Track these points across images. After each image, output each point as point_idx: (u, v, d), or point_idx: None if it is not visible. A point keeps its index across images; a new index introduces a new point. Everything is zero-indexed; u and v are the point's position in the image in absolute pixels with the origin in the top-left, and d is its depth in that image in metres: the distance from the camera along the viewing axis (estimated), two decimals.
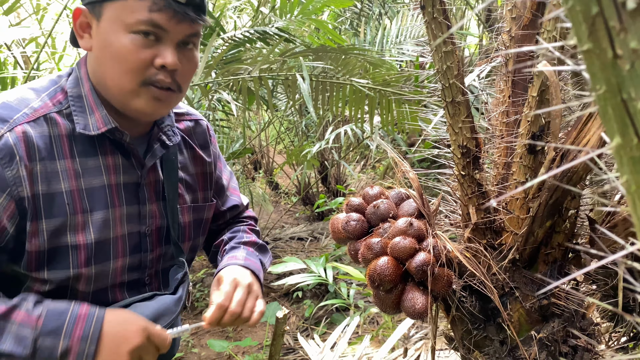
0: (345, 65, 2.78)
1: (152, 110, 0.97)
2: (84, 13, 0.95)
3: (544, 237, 0.84)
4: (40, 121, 0.93)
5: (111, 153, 1.00)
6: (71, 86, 0.99)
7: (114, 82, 0.94)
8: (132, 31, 0.90)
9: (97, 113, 0.96)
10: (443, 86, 0.81)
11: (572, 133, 0.76)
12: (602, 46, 0.25)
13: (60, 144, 0.95)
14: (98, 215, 0.98)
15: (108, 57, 0.93)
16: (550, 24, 0.75)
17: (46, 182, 0.92)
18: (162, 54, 0.92)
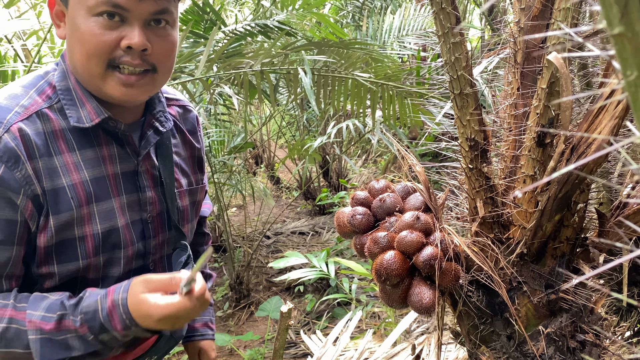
0: (347, 59, 2.76)
1: (125, 95, 0.94)
2: (57, 1, 0.94)
3: (552, 231, 0.83)
4: (33, 118, 0.92)
5: (106, 143, 0.99)
6: (59, 79, 0.98)
7: (83, 66, 0.93)
8: (94, 14, 0.89)
9: (88, 105, 0.95)
10: (451, 78, 0.80)
11: (582, 125, 0.75)
12: (635, 29, 0.24)
13: (55, 139, 0.94)
14: (102, 206, 0.98)
15: (74, 42, 0.92)
16: (561, 14, 0.73)
17: (49, 179, 0.92)
18: (127, 35, 0.90)
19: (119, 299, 0.90)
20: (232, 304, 3.63)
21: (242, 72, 2.60)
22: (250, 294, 3.70)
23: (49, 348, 0.88)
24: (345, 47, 2.77)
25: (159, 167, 1.08)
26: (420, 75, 3.04)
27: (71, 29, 0.92)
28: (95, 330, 0.89)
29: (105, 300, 0.90)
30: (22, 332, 0.88)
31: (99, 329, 0.89)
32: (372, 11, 4.27)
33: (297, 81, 2.72)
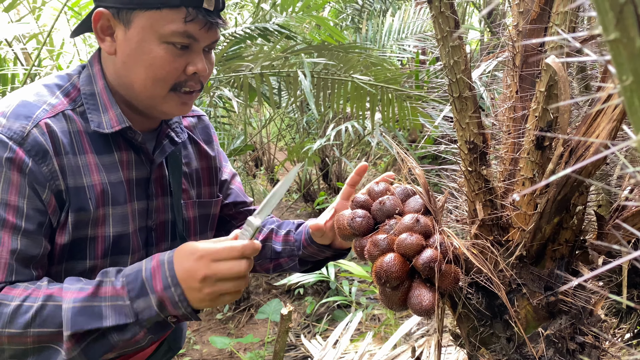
0: (346, 62, 2.77)
1: (180, 112, 1.00)
2: (105, 16, 0.94)
3: (551, 234, 0.84)
4: (60, 117, 0.94)
5: (125, 149, 1.01)
6: (84, 83, 0.99)
7: (145, 88, 0.95)
8: (165, 41, 0.91)
9: (110, 111, 0.97)
10: (450, 81, 0.80)
11: (581, 128, 0.75)
12: (631, 35, 0.24)
13: (80, 139, 0.96)
14: (117, 210, 0.99)
15: (139, 65, 0.93)
16: (560, 18, 0.74)
17: (72, 176, 0.93)
18: (193, 61, 0.95)
19: (165, 257, 0.89)
20: (232, 307, 3.63)
21: (242, 75, 2.61)
22: (250, 297, 3.70)
23: (80, 316, 0.85)
24: (344, 50, 2.78)
25: (169, 176, 1.09)
26: (419, 78, 3.04)
27: (132, 50, 0.93)
28: (134, 293, 0.86)
29: (150, 262, 0.89)
30: (58, 308, 0.85)
31: (138, 290, 0.86)
32: (372, 14, 4.29)
33: (296, 84, 2.73)
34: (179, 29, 0.91)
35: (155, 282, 0.86)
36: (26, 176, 0.88)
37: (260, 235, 1.24)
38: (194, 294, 0.86)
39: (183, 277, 0.86)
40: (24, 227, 0.88)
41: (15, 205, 0.87)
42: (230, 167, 1.29)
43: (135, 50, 0.93)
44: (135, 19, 0.91)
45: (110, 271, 0.90)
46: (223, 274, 0.85)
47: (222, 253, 0.86)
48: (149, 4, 0.90)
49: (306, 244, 1.17)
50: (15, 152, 0.87)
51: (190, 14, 0.90)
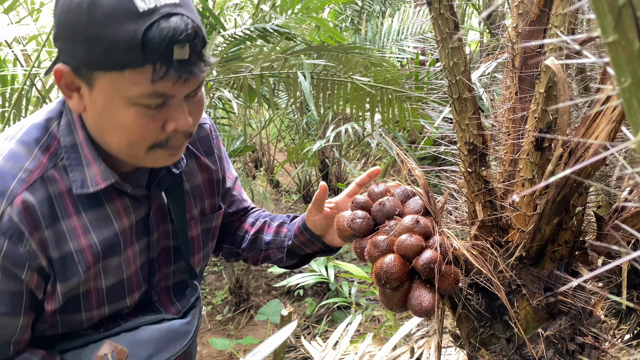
0: (346, 63, 2.77)
1: (165, 164, 0.91)
2: (67, 74, 0.82)
3: (551, 235, 0.84)
4: (37, 184, 0.85)
5: (118, 197, 0.93)
6: (64, 133, 0.89)
7: (120, 150, 0.86)
8: (134, 103, 0.80)
9: (94, 167, 0.88)
10: (450, 83, 0.81)
11: (580, 129, 0.75)
12: (629, 38, 0.25)
13: (63, 202, 0.88)
14: (112, 262, 0.94)
15: (110, 128, 0.84)
16: (559, 20, 0.74)
17: (56, 247, 0.87)
18: (172, 117, 0.83)
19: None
20: (232, 308, 3.63)
21: (242, 76, 2.61)
22: (250, 298, 3.70)
23: None
24: (344, 51, 2.79)
25: (168, 202, 1.02)
26: (419, 79, 3.05)
27: (100, 112, 0.83)
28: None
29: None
30: None
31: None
32: (371, 15, 4.29)
33: (296, 85, 2.73)
34: (147, 91, 0.78)
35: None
36: (5, 261, 0.82)
37: (253, 228, 1.23)
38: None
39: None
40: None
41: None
42: (232, 170, 1.23)
43: (103, 114, 0.83)
44: (97, 80, 0.80)
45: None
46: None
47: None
48: (108, 66, 0.77)
49: (298, 231, 1.15)
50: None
51: (158, 72, 0.77)
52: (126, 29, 0.74)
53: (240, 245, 1.24)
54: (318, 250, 1.18)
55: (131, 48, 0.75)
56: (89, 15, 0.75)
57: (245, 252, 1.24)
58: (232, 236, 1.26)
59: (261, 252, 1.22)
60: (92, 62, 0.78)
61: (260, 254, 1.23)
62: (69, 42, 0.79)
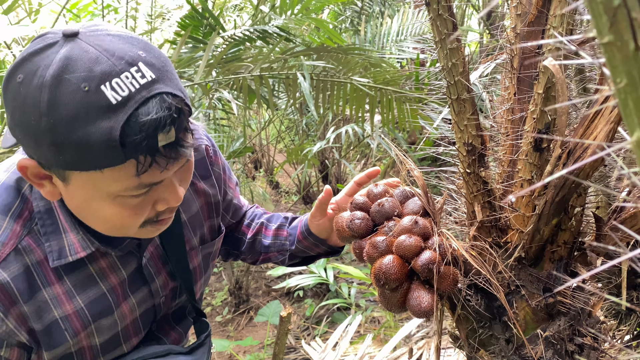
0: (346, 64, 2.78)
1: (157, 234, 0.86)
2: (33, 169, 0.73)
3: (549, 235, 0.84)
4: (11, 258, 0.78)
5: (102, 256, 0.86)
6: (37, 197, 0.80)
7: (108, 233, 0.80)
8: (118, 196, 0.73)
9: (71, 235, 0.81)
10: (448, 83, 0.81)
11: (578, 130, 0.75)
12: (624, 38, 0.25)
13: (42, 270, 0.81)
14: (103, 322, 0.89)
15: (93, 219, 0.78)
16: (557, 20, 0.74)
17: (38, 319, 0.82)
18: (162, 197, 0.77)
19: None
20: (232, 309, 3.63)
21: (241, 77, 2.61)
22: (249, 299, 3.70)
23: None
24: (343, 52, 2.79)
25: (162, 244, 0.97)
26: (419, 80, 3.05)
27: (81, 205, 0.76)
28: None
29: None
30: None
31: None
32: (371, 16, 4.30)
33: (296, 86, 2.73)
34: (132, 185, 0.71)
35: None
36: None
37: (250, 230, 1.22)
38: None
39: None
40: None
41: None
42: (233, 177, 1.17)
43: (83, 207, 0.76)
44: (71, 177, 0.71)
45: None
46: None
47: None
48: (84, 167, 0.68)
49: (302, 237, 1.13)
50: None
51: (143, 165, 0.68)
52: (99, 129, 0.64)
53: (238, 247, 1.24)
54: (323, 252, 1.17)
55: (109, 148, 0.65)
56: (49, 118, 0.64)
57: (244, 254, 1.23)
58: (230, 238, 1.25)
59: (260, 254, 1.21)
60: (64, 164, 0.69)
61: (260, 255, 1.22)
62: (32, 144, 0.69)
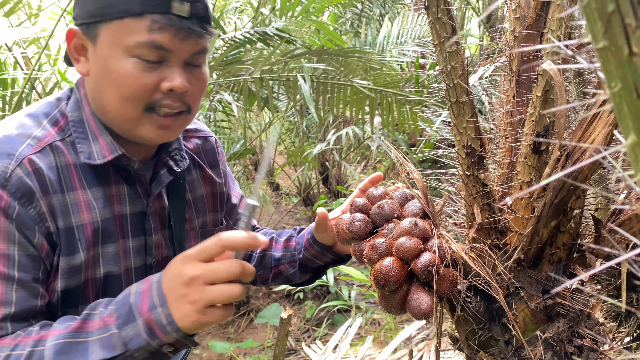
0: (346, 66, 2.78)
1: (159, 137, 0.90)
2: (77, 35, 0.86)
3: (548, 237, 0.84)
4: (47, 151, 0.85)
5: (115, 182, 0.92)
6: (72, 109, 0.91)
7: (115, 109, 0.86)
8: (132, 54, 0.82)
9: (101, 139, 0.89)
10: (447, 86, 0.81)
11: (577, 132, 0.76)
12: (618, 44, 0.25)
13: (69, 174, 0.87)
14: (109, 249, 0.92)
15: (107, 83, 0.84)
16: (555, 24, 0.74)
17: (62, 217, 0.86)
18: (168, 76, 0.84)
19: (156, 276, 0.79)
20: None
21: (242, 79, 2.62)
22: (249, 301, 3.70)
23: (61, 355, 0.75)
24: (344, 54, 2.80)
25: (169, 208, 1.00)
26: (419, 83, 3.06)
27: (101, 68, 0.85)
28: (121, 320, 0.76)
29: (141, 285, 0.79)
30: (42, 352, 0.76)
31: (125, 315, 0.76)
32: (371, 18, 4.31)
33: (296, 88, 2.74)
34: (143, 39, 0.80)
35: (142, 304, 0.76)
36: (13, 221, 0.80)
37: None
38: (179, 306, 0.74)
39: (169, 286, 0.76)
40: (17, 277, 0.81)
41: (5, 253, 0.80)
42: (238, 188, 1.22)
43: (103, 68, 0.84)
44: (101, 33, 0.83)
45: (101, 302, 0.81)
46: (212, 275, 0.74)
47: (210, 249, 0.75)
48: (111, 14, 0.81)
49: (308, 244, 1.13)
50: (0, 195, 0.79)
51: (156, 22, 0.80)
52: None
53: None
54: (330, 261, 1.16)
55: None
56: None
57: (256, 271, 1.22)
58: None
59: (271, 269, 1.20)
60: (98, 12, 0.82)
61: (271, 271, 1.20)
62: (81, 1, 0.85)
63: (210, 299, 0.74)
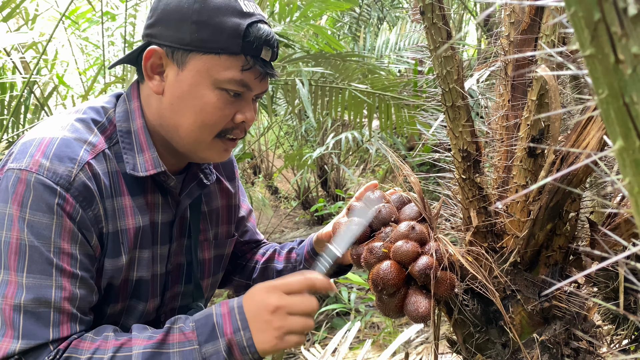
0: (344, 70, 2.79)
1: (220, 159, 0.98)
2: (158, 54, 0.90)
3: (544, 240, 0.85)
4: (100, 157, 0.90)
5: (152, 191, 0.97)
6: (121, 119, 0.95)
7: (190, 132, 0.92)
8: (219, 87, 0.89)
9: (147, 153, 0.94)
10: (443, 91, 0.82)
11: (571, 136, 0.76)
12: (605, 51, 0.26)
13: (118, 180, 0.92)
14: (144, 254, 0.96)
15: (187, 108, 0.90)
16: (549, 29, 0.75)
17: (112, 220, 0.91)
18: (243, 110, 0.93)
19: (235, 302, 0.86)
20: None
21: None
22: None
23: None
24: (342, 59, 2.80)
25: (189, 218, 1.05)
26: (417, 87, 3.07)
27: (183, 93, 0.90)
28: (203, 337, 0.83)
29: (219, 308, 0.87)
30: (128, 358, 0.81)
31: (208, 334, 0.84)
32: (369, 23, 4.32)
33: (294, 92, 2.74)
34: (236, 77, 0.88)
35: (225, 326, 0.84)
36: (76, 222, 0.85)
37: (263, 257, 1.24)
38: (261, 331, 0.83)
39: (253, 312, 0.84)
40: (80, 275, 0.85)
41: (69, 252, 0.84)
42: (247, 202, 1.26)
43: (186, 93, 0.90)
44: (191, 61, 0.88)
45: (179, 317, 0.88)
46: (294, 307, 0.83)
47: (295, 285, 0.85)
48: (209, 49, 0.87)
49: (308, 256, 1.15)
50: (65, 198, 0.83)
51: (248, 63, 0.88)
52: (232, 21, 0.87)
53: (250, 276, 1.24)
54: (332, 273, 1.17)
55: (234, 36, 0.86)
56: (202, 4, 0.86)
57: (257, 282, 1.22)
58: (243, 268, 1.26)
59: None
60: (195, 43, 0.87)
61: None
62: (174, 25, 0.88)
63: (291, 328, 0.83)
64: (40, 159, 0.83)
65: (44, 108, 2.60)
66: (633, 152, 0.27)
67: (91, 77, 3.46)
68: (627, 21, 0.25)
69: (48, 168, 0.83)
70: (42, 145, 0.85)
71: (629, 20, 0.25)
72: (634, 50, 0.25)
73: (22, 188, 0.82)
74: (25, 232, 0.81)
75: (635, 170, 0.27)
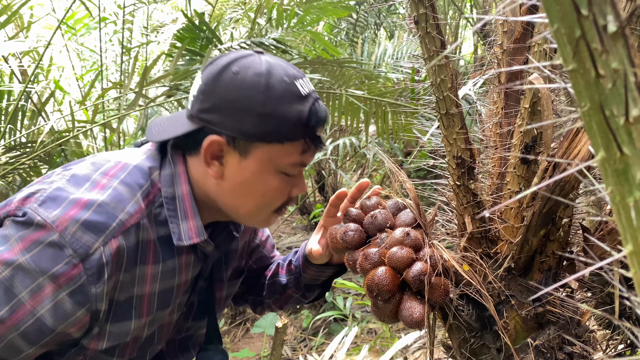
0: (341, 76, 2.81)
1: (265, 226, 1.02)
2: (219, 144, 0.88)
3: (538, 246, 0.86)
4: (132, 230, 0.86)
5: (186, 252, 0.95)
6: (166, 184, 0.92)
7: (251, 212, 0.94)
8: (280, 171, 0.91)
9: (191, 221, 0.92)
10: (437, 98, 0.83)
11: (563, 144, 0.78)
12: (586, 66, 0.27)
13: (147, 249, 0.89)
14: (158, 315, 0.96)
15: (249, 193, 0.91)
16: (541, 38, 0.77)
17: (123, 291, 0.88)
18: (298, 185, 0.95)
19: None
20: (228, 321, 3.62)
21: None
22: (245, 311, 3.69)
23: None
24: (339, 65, 2.82)
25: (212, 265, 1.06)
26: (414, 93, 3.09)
27: (246, 180, 0.90)
28: None
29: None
30: None
31: None
32: (366, 29, 4.35)
33: None
34: (297, 161, 0.91)
35: None
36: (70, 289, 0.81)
37: (269, 272, 1.25)
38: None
39: None
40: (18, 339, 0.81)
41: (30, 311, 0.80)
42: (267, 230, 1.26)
43: (249, 180, 0.91)
44: (254, 150, 0.88)
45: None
46: None
47: None
48: (272, 139, 0.87)
49: (304, 267, 1.15)
50: (74, 266, 0.80)
51: (307, 145, 0.90)
52: (295, 109, 0.87)
53: (261, 293, 1.25)
54: (332, 274, 1.18)
55: (297, 125, 0.87)
56: (265, 95, 0.85)
57: (267, 298, 1.25)
58: (255, 286, 1.27)
59: (281, 295, 1.23)
60: (259, 134, 0.87)
61: (282, 296, 1.23)
62: (237, 116, 0.86)
63: None
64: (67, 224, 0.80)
65: (41, 114, 2.61)
66: (614, 163, 0.28)
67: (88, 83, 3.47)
68: (607, 38, 0.26)
69: (72, 233, 0.80)
70: (77, 206, 0.82)
71: (609, 37, 0.26)
72: (614, 65, 0.26)
73: (37, 237, 0.79)
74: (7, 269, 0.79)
75: (616, 179, 0.28)
